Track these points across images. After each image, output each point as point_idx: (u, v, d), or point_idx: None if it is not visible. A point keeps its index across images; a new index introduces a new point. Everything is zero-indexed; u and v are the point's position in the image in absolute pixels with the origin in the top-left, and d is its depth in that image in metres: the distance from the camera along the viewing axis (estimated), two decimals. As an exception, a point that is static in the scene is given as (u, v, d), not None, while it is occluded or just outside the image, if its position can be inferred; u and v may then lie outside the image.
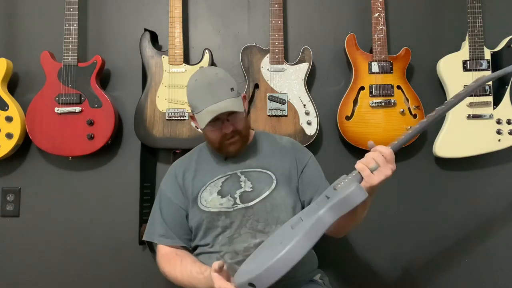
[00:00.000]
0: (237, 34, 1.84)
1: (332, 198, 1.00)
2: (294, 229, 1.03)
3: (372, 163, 1.01)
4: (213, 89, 1.21)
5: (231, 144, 1.27)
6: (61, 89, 1.67)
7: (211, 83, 1.21)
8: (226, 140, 1.26)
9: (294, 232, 1.00)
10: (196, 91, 1.23)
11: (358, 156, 1.77)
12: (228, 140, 1.26)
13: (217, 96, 1.20)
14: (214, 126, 1.24)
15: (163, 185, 1.36)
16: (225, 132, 1.24)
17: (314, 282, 1.30)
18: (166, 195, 1.33)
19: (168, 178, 1.36)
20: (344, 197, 0.96)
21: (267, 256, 0.98)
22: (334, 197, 0.99)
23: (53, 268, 1.75)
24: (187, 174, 1.33)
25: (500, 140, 1.68)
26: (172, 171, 1.37)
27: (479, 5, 1.70)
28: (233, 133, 1.25)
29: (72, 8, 1.69)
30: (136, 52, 1.72)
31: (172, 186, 1.33)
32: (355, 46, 1.73)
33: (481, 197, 1.79)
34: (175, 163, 1.40)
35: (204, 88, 1.21)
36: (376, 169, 1.01)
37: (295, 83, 1.70)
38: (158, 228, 1.31)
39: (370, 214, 1.77)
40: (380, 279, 1.77)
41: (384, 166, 1.01)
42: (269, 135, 1.44)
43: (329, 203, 0.98)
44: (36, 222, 1.77)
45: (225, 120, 1.24)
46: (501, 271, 1.77)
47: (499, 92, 1.70)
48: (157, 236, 1.30)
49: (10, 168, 1.79)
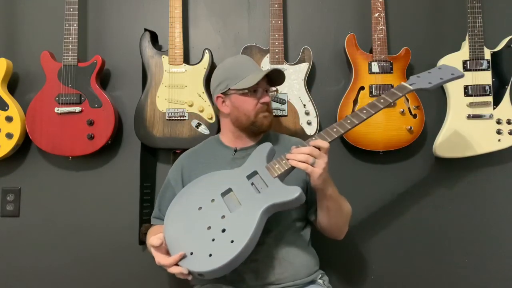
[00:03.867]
0: (237, 34, 1.84)
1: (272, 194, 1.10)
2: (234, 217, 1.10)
3: (311, 159, 1.11)
4: (254, 63, 1.30)
5: (265, 117, 1.31)
6: (61, 89, 1.67)
7: (250, 59, 1.31)
8: (261, 112, 1.30)
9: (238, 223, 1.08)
10: (236, 64, 1.31)
11: (358, 156, 1.80)
12: (263, 112, 1.30)
13: (258, 68, 1.29)
14: (253, 95, 1.28)
15: (170, 173, 1.41)
16: (265, 101, 1.28)
17: (315, 282, 1.30)
18: (171, 184, 1.37)
19: (174, 168, 1.40)
20: (288, 201, 1.08)
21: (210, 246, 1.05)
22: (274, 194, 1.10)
23: (53, 268, 1.75)
24: (196, 166, 1.35)
25: (500, 140, 1.68)
26: (179, 162, 1.40)
27: (479, 5, 1.70)
28: (268, 107, 1.30)
29: (72, 8, 1.69)
30: (136, 52, 1.72)
31: (176, 175, 1.37)
32: (355, 46, 1.73)
33: (481, 197, 1.79)
34: (184, 154, 1.43)
35: (246, 61, 1.30)
36: (315, 162, 1.12)
37: (295, 83, 1.70)
38: (155, 211, 1.38)
39: (370, 214, 1.78)
40: (380, 279, 1.77)
41: (321, 159, 1.12)
42: (280, 135, 1.46)
43: (272, 200, 1.09)
44: (36, 222, 1.77)
45: (264, 91, 1.28)
46: (501, 271, 1.77)
47: (499, 92, 1.70)
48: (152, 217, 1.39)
49: (10, 168, 1.78)
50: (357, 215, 1.76)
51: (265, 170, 1.16)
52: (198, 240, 1.08)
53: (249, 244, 1.03)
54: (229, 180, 1.18)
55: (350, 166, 1.79)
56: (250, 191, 1.14)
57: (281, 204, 1.09)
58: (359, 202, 1.77)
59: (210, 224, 1.10)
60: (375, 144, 1.69)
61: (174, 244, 1.11)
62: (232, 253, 1.01)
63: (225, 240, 1.05)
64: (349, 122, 1.20)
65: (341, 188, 1.28)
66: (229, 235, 1.06)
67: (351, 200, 1.40)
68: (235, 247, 1.02)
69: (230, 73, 1.31)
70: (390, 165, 1.80)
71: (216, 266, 1.01)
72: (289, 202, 1.09)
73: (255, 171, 1.17)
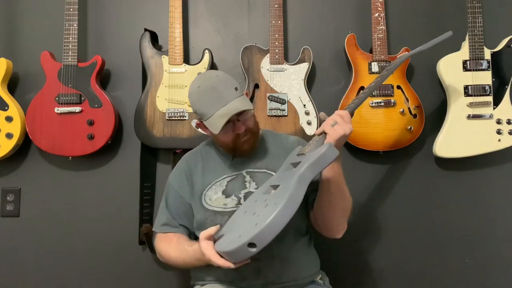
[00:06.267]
0: (237, 34, 1.84)
1: (305, 161, 1.09)
2: (275, 192, 1.09)
3: (331, 121, 1.16)
4: (219, 92, 1.19)
5: (245, 143, 1.27)
6: (61, 89, 1.67)
7: (215, 87, 1.20)
8: (239, 140, 1.26)
9: (279, 193, 1.06)
10: (201, 98, 1.22)
11: (358, 156, 1.80)
12: (241, 139, 1.26)
13: (224, 98, 1.19)
14: (226, 129, 1.22)
15: (172, 177, 1.37)
16: (238, 132, 1.24)
17: (315, 283, 1.30)
18: (174, 187, 1.34)
19: (177, 172, 1.37)
20: (321, 155, 1.06)
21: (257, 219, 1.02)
22: (307, 159, 1.08)
23: (53, 268, 1.75)
24: (196, 170, 1.34)
25: (500, 140, 1.68)
26: (182, 164, 1.38)
27: (479, 5, 1.70)
28: (245, 132, 1.25)
29: (72, 8, 1.69)
30: (136, 52, 1.72)
31: (180, 179, 1.34)
32: (355, 46, 1.73)
33: (481, 197, 1.79)
34: (185, 156, 1.40)
35: (209, 93, 1.20)
36: (336, 125, 1.15)
37: (295, 83, 1.70)
38: (162, 218, 1.32)
39: (370, 214, 1.78)
40: (380, 279, 1.77)
41: (342, 123, 1.15)
42: (276, 134, 1.44)
43: (306, 163, 1.07)
44: (36, 222, 1.77)
45: (236, 121, 1.23)
46: (501, 271, 1.77)
47: (499, 92, 1.70)
48: (159, 225, 1.32)
49: (10, 168, 1.78)
50: (357, 215, 1.76)
51: (298, 158, 1.16)
52: (245, 223, 1.07)
53: (289, 203, 1.00)
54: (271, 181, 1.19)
55: (350, 166, 1.79)
56: (287, 173, 1.14)
57: (315, 163, 1.06)
58: (359, 202, 1.78)
59: (254, 211, 1.09)
60: (375, 144, 1.69)
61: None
62: (274, 211, 0.98)
63: (268, 207, 1.04)
64: (362, 94, 1.31)
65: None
66: (271, 202, 1.05)
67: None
68: (276, 207, 0.99)
69: (197, 109, 1.25)
70: (390, 165, 1.80)
71: (261, 227, 0.97)
72: (321, 158, 1.06)
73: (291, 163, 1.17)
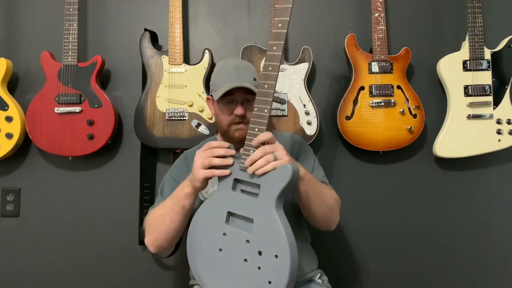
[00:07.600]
0: (237, 34, 1.84)
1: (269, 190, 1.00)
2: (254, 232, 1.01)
3: (270, 157, 1.03)
4: (239, 72, 1.26)
5: (237, 131, 1.27)
6: (61, 89, 1.67)
7: (238, 66, 1.28)
8: (234, 124, 1.27)
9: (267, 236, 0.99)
10: (222, 70, 1.30)
11: (358, 156, 1.79)
12: (236, 125, 1.27)
13: (241, 78, 1.24)
14: (228, 105, 1.26)
15: (171, 170, 1.38)
16: (236, 113, 1.25)
17: (313, 281, 1.30)
18: (171, 177, 1.34)
19: (177, 164, 1.38)
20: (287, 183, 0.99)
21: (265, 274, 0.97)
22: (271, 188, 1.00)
23: (53, 268, 1.75)
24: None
25: (500, 140, 1.68)
26: (182, 158, 1.39)
27: (479, 5, 1.70)
28: (242, 119, 1.26)
29: (72, 8, 1.69)
30: (136, 52, 1.72)
31: (180, 170, 1.33)
32: (355, 46, 1.73)
33: (481, 197, 1.79)
34: (185, 152, 1.41)
35: (231, 69, 1.27)
36: (276, 158, 1.03)
37: (295, 83, 1.70)
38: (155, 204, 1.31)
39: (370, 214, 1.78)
40: (380, 279, 1.77)
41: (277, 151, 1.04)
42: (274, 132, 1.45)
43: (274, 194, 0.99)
44: (36, 222, 1.77)
45: (239, 104, 1.25)
46: (501, 271, 1.77)
47: (499, 92, 1.70)
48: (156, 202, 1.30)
49: (10, 168, 1.79)
50: (357, 215, 1.76)
51: (241, 172, 1.06)
52: (246, 278, 1.01)
53: (291, 243, 0.96)
54: (218, 206, 1.08)
55: (350, 166, 1.79)
56: (247, 200, 1.04)
57: (286, 188, 1.00)
58: (359, 202, 1.78)
59: (242, 257, 1.01)
60: (375, 144, 1.69)
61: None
62: (286, 264, 0.95)
63: (270, 259, 0.97)
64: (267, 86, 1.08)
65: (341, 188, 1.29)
66: (268, 253, 0.98)
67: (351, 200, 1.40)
68: (283, 259, 0.95)
69: (213, 79, 1.31)
70: (390, 165, 1.80)
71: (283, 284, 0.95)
72: (291, 181, 1.00)
73: (235, 179, 1.07)
